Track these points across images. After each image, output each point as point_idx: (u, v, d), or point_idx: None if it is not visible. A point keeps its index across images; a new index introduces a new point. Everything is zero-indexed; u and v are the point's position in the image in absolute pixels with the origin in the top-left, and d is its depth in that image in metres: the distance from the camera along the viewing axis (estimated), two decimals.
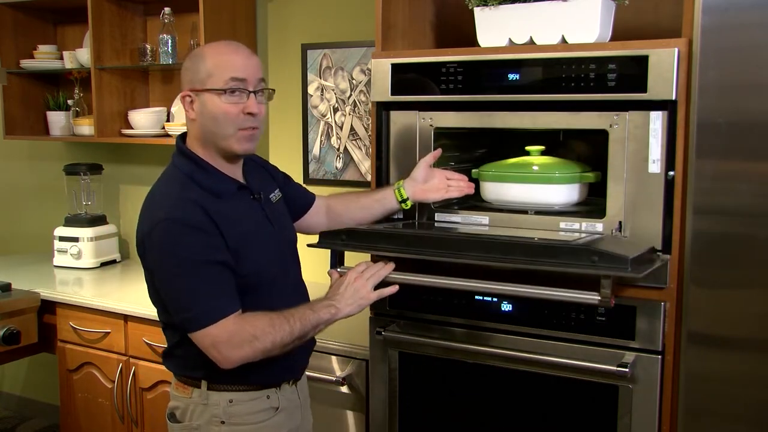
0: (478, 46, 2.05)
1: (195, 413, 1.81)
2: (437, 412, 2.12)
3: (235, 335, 1.67)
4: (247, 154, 1.83)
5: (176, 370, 1.86)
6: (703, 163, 1.69)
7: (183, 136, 1.85)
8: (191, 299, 1.67)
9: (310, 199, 2.13)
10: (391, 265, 1.91)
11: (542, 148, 2.12)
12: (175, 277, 1.69)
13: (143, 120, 3.33)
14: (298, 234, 2.03)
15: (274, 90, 1.86)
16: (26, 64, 3.55)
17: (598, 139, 1.92)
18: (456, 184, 2.08)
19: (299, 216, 2.09)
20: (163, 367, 2.72)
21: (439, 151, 2.07)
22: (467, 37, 2.13)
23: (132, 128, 3.36)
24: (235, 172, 1.84)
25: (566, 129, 2.19)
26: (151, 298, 1.83)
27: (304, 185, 2.18)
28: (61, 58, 3.52)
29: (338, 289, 1.82)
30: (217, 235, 1.70)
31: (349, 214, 2.10)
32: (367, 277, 1.85)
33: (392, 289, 1.88)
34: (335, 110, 3.08)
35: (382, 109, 2.14)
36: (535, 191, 2.04)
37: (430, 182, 2.05)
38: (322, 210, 2.13)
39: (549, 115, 1.93)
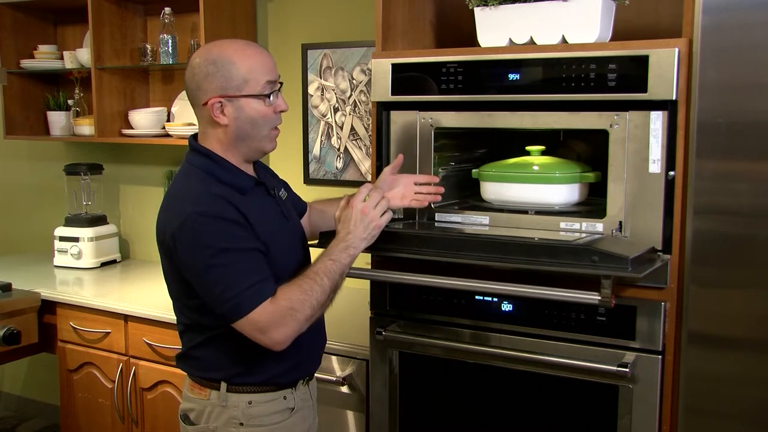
0: (479, 46, 2.05)
1: (212, 415, 1.80)
2: (437, 412, 2.12)
3: (275, 315, 1.65)
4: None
5: (193, 371, 1.84)
6: (703, 163, 1.69)
7: (194, 137, 1.84)
8: (228, 288, 1.65)
9: (304, 206, 2.13)
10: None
11: (542, 148, 2.12)
12: (209, 267, 1.66)
13: (143, 120, 3.33)
14: None
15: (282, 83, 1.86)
16: (26, 64, 3.55)
17: (598, 139, 1.92)
18: (423, 195, 2.05)
19: None
20: (163, 368, 2.78)
21: (400, 157, 2.04)
22: (467, 37, 2.13)
23: (132, 128, 3.36)
24: (249, 170, 1.84)
25: (566, 129, 2.18)
26: (171, 296, 1.81)
27: (303, 186, 2.18)
28: (61, 58, 3.52)
29: (348, 225, 1.79)
30: (248, 227, 1.69)
31: (324, 222, 2.09)
32: (373, 205, 1.80)
33: (390, 215, 1.85)
34: (335, 110, 3.08)
35: (383, 109, 2.14)
36: (535, 191, 2.04)
37: (394, 190, 2.04)
38: (308, 217, 2.14)
39: (549, 115, 1.93)
